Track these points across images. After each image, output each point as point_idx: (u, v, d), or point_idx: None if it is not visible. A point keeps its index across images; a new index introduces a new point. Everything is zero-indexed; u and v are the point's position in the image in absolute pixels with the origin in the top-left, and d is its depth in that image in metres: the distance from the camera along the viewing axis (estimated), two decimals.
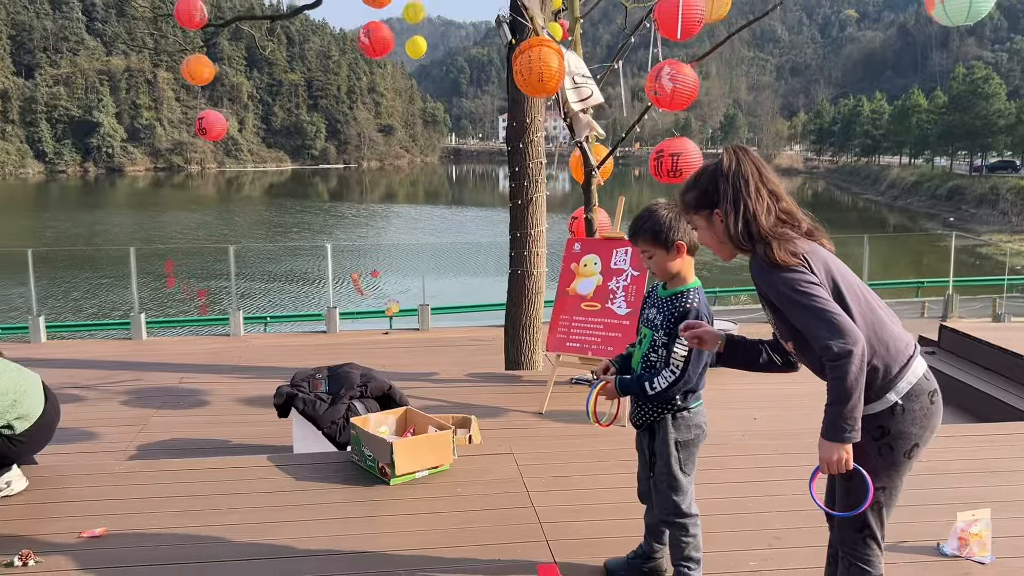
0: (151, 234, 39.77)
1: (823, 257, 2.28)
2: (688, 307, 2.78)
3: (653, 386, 2.80)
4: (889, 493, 2.34)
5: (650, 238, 2.83)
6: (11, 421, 3.77)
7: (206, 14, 7.14)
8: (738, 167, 2.33)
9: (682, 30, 5.21)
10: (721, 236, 2.37)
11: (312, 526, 3.54)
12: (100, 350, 9.21)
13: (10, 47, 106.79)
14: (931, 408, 2.28)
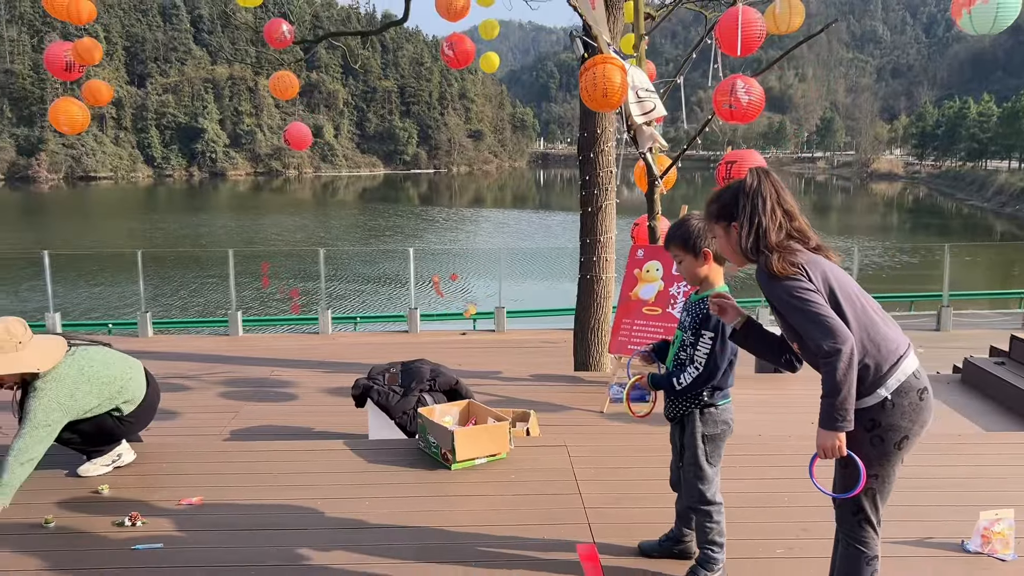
0: (252, 236, 41.54)
1: (823, 267, 2.53)
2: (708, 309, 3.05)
3: (680, 381, 3.09)
4: (882, 480, 2.57)
5: (680, 244, 3.13)
6: (119, 405, 4.31)
7: (287, 35, 7.69)
8: (758, 187, 2.61)
9: (742, 46, 5.42)
10: (735, 246, 2.65)
11: (381, 503, 3.94)
12: (200, 344, 9.96)
13: (124, 58, 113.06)
14: (920, 404, 2.51)
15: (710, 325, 3.03)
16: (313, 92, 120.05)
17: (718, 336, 3.02)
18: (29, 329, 4.02)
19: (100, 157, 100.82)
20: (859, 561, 2.64)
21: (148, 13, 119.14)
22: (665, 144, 6.49)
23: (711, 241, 3.07)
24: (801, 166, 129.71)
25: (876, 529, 2.63)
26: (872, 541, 2.63)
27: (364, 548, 3.48)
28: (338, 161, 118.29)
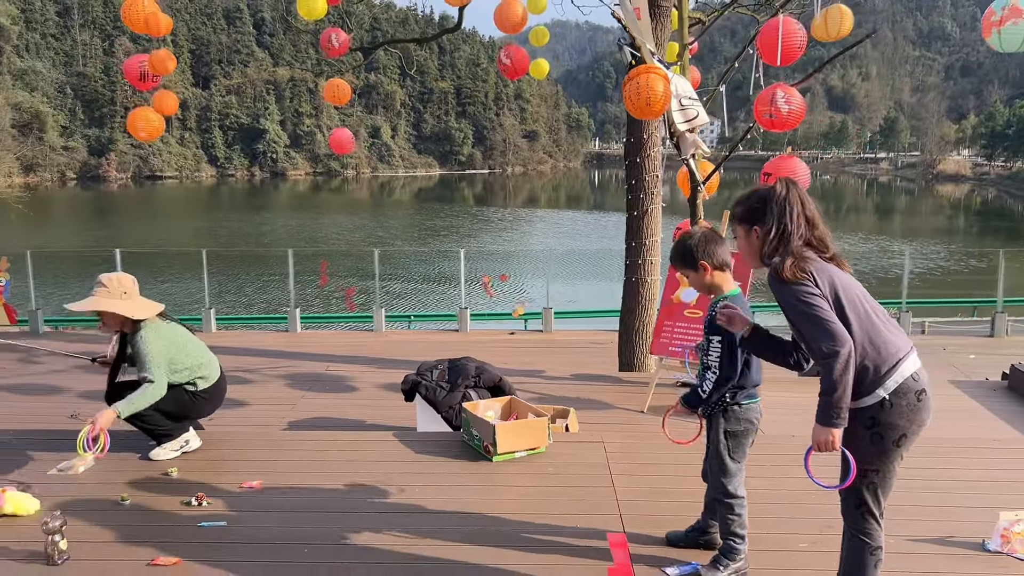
0: (313, 235, 42.38)
1: (830, 274, 2.70)
2: (714, 313, 3.24)
3: (704, 389, 3.29)
4: (882, 475, 2.73)
5: (680, 263, 3.40)
6: (197, 379, 4.71)
7: (335, 43, 7.99)
8: (787, 196, 2.81)
9: (782, 56, 5.56)
10: (755, 248, 2.84)
11: (426, 490, 4.21)
12: (261, 340, 10.37)
13: (190, 60, 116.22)
14: (917, 405, 2.67)
15: (714, 328, 3.24)
16: (371, 93, 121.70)
17: (725, 338, 3.21)
18: (136, 286, 4.67)
19: (166, 157, 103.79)
20: (863, 551, 2.80)
21: (213, 16, 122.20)
22: (707, 150, 6.63)
23: (707, 255, 3.28)
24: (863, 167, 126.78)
25: (879, 521, 2.79)
26: (875, 532, 2.79)
27: (409, 531, 3.74)
28: (395, 161, 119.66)
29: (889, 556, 3.48)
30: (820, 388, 2.64)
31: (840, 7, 6.77)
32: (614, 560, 3.51)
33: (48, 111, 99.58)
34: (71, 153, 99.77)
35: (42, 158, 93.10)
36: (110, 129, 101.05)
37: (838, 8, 6.73)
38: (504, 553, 3.53)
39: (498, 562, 3.46)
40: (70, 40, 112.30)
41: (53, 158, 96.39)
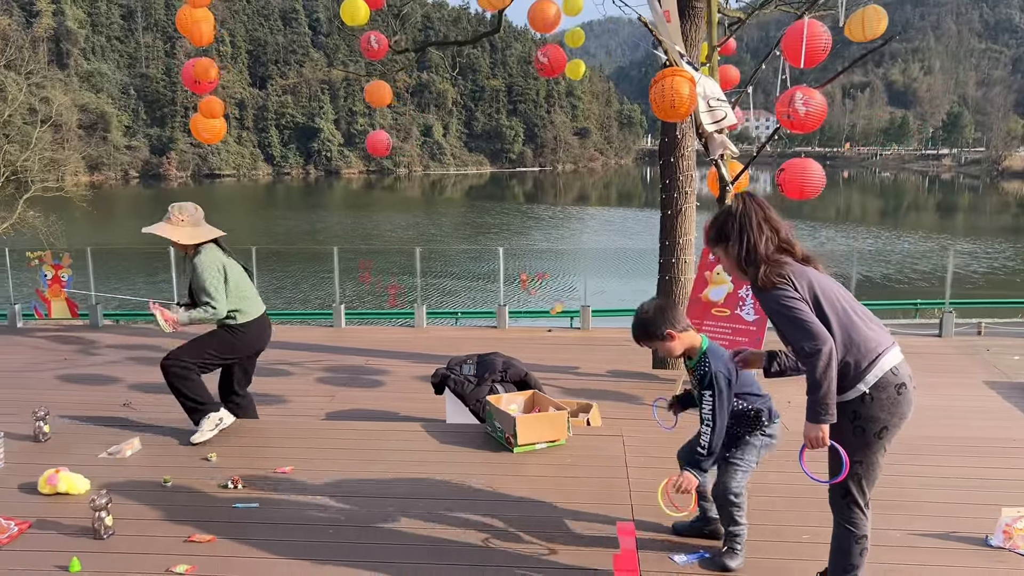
0: (368, 232, 43.07)
1: (808, 276, 2.83)
2: (705, 371, 3.38)
3: (701, 446, 3.39)
4: (866, 466, 2.85)
5: (647, 339, 3.49)
6: (238, 310, 5.09)
7: (374, 45, 8.21)
8: (744, 209, 2.95)
9: (806, 59, 5.62)
10: (734, 263, 2.98)
11: (447, 478, 4.42)
12: (307, 335, 10.73)
13: (247, 61, 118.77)
14: (897, 398, 2.78)
15: (705, 384, 3.37)
16: (424, 92, 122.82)
17: (715, 394, 3.33)
18: (199, 213, 5.20)
19: (224, 156, 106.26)
20: (849, 539, 2.93)
21: (270, 18, 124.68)
22: (736, 151, 6.70)
23: (668, 322, 3.40)
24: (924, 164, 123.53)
25: (864, 511, 2.91)
26: (860, 521, 2.90)
27: (429, 515, 3.95)
28: (446, 160, 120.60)
29: (893, 550, 3.60)
30: (807, 387, 2.76)
31: (874, 8, 6.78)
32: (620, 547, 3.66)
33: (112, 112, 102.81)
34: (134, 152, 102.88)
35: (106, 157, 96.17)
36: (171, 129, 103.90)
37: (873, 9, 6.74)
38: (516, 537, 3.72)
39: (510, 545, 3.64)
40: (133, 42, 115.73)
41: (117, 157, 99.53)
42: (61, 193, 28.82)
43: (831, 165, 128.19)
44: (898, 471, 4.42)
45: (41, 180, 27.06)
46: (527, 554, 3.58)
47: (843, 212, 61.97)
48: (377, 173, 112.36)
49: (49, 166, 30.52)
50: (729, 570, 3.43)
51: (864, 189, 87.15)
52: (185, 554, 3.58)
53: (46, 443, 5.05)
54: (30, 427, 5.11)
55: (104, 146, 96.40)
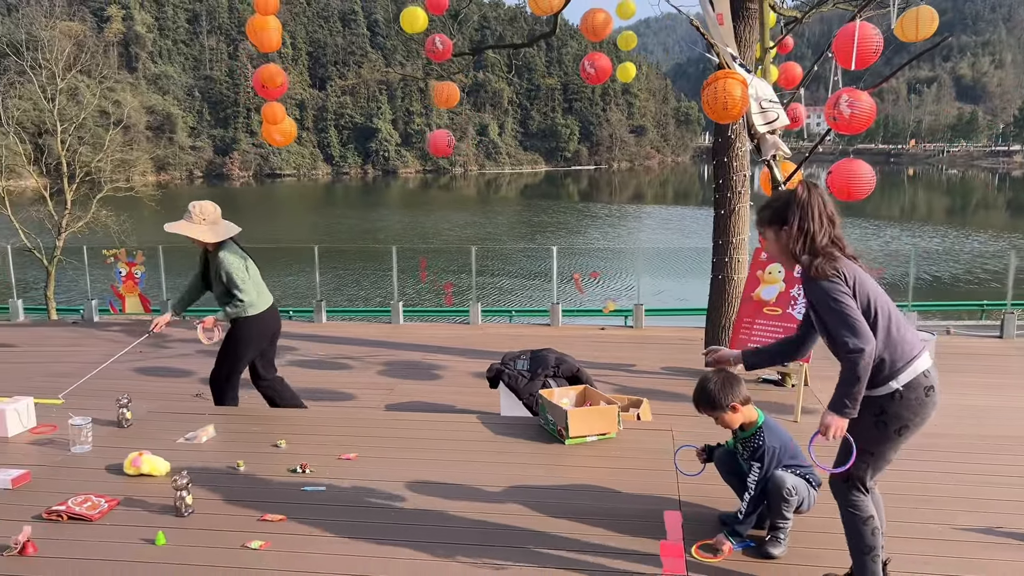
0: (427, 231, 43.63)
1: (856, 274, 2.95)
2: (759, 445, 3.60)
3: (741, 511, 3.64)
4: (876, 458, 3.02)
5: (709, 408, 3.68)
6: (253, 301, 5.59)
7: (439, 46, 8.47)
8: (809, 198, 3.06)
9: (857, 60, 5.68)
10: (785, 247, 3.10)
11: (502, 467, 4.63)
12: (366, 331, 11.06)
13: (308, 63, 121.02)
14: (925, 400, 2.91)
15: (757, 456, 3.59)
16: (479, 92, 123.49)
17: (763, 466, 3.56)
18: (218, 212, 5.62)
19: (285, 156, 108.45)
20: (856, 522, 3.09)
21: (330, 19, 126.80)
22: (788, 151, 6.77)
23: (733, 396, 3.60)
24: (994, 160, 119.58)
25: (865, 494, 3.07)
26: (862, 503, 3.07)
27: (485, 500, 4.17)
28: (501, 159, 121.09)
29: (935, 543, 3.70)
30: (840, 379, 2.89)
31: (926, 8, 6.79)
32: (668, 535, 3.83)
33: (178, 113, 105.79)
34: (198, 152, 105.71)
35: (172, 158, 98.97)
36: (233, 129, 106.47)
37: (925, 9, 6.75)
38: (566, 523, 3.91)
39: (559, 530, 3.83)
40: (198, 45, 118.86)
41: (182, 157, 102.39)
42: (131, 193, 29.85)
43: (895, 162, 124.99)
44: (954, 468, 4.50)
45: (112, 180, 28.05)
46: (576, 538, 3.76)
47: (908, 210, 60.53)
48: (433, 172, 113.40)
49: (120, 167, 31.62)
50: (772, 557, 3.57)
51: (930, 186, 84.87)
52: (259, 531, 3.86)
53: (129, 428, 5.41)
54: (114, 414, 5.49)
55: (170, 147, 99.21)
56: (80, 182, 25.50)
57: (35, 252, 21.55)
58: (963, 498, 4.18)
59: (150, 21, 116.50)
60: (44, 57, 29.56)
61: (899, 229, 44.42)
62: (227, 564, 3.56)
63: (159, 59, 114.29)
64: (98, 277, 13.15)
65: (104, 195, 26.09)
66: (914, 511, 4.03)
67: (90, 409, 5.55)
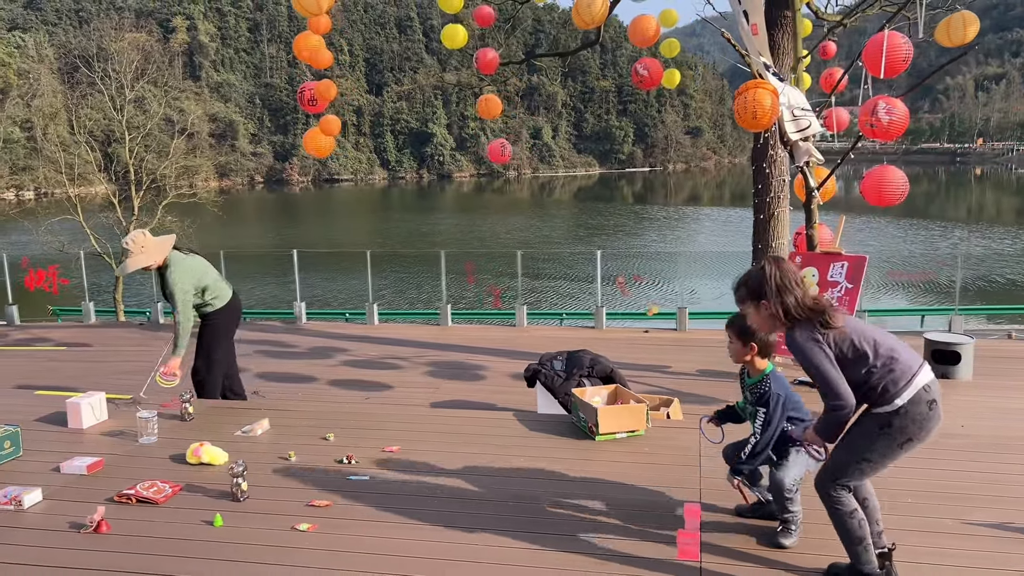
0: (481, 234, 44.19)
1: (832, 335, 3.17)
2: (765, 391, 3.80)
3: (744, 453, 3.86)
4: (872, 465, 3.25)
5: (736, 333, 3.86)
6: (213, 299, 6.16)
7: (489, 58, 8.78)
8: (777, 272, 3.29)
9: (886, 69, 5.81)
10: (765, 319, 3.38)
11: (535, 460, 4.91)
12: (416, 332, 11.44)
13: (364, 69, 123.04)
14: (929, 414, 3.15)
15: (763, 402, 3.79)
16: (533, 95, 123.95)
17: (769, 412, 3.76)
18: (148, 236, 6.10)
19: (342, 161, 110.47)
20: (843, 517, 3.30)
21: (386, 26, 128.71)
22: (821, 158, 6.89)
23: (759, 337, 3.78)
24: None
25: (848, 489, 3.30)
26: (846, 499, 3.29)
27: (519, 491, 4.45)
28: (555, 162, 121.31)
29: (947, 537, 3.85)
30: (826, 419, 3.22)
31: (965, 14, 6.85)
32: (686, 525, 4.05)
33: (240, 120, 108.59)
34: (259, 159, 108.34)
35: (234, 164, 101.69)
36: (293, 136, 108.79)
37: (961, 15, 6.82)
38: (590, 512, 4.16)
39: (586, 517, 4.09)
40: (259, 53, 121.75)
41: (243, 163, 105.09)
42: (194, 199, 30.87)
43: (961, 162, 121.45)
44: (973, 467, 4.63)
45: (177, 187, 29.05)
46: (601, 525, 4.01)
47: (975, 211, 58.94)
48: (487, 176, 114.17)
49: (184, 173, 32.70)
50: (783, 547, 3.77)
51: (999, 186, 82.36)
52: (307, 516, 4.20)
53: (191, 422, 5.83)
54: (177, 408, 5.92)
55: (232, 153, 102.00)
56: (146, 188, 26.52)
57: (105, 257, 22.58)
58: (979, 495, 4.31)
59: (213, 31, 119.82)
60: (113, 68, 30.81)
61: (967, 230, 43.37)
62: (277, 544, 3.90)
63: (221, 68, 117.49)
64: None
65: (169, 201, 27.09)
66: (929, 506, 4.18)
67: (156, 404, 5.99)
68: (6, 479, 4.70)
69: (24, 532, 4.08)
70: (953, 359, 7.54)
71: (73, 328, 12.30)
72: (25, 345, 10.25)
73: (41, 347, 10.09)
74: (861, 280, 6.69)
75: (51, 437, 5.57)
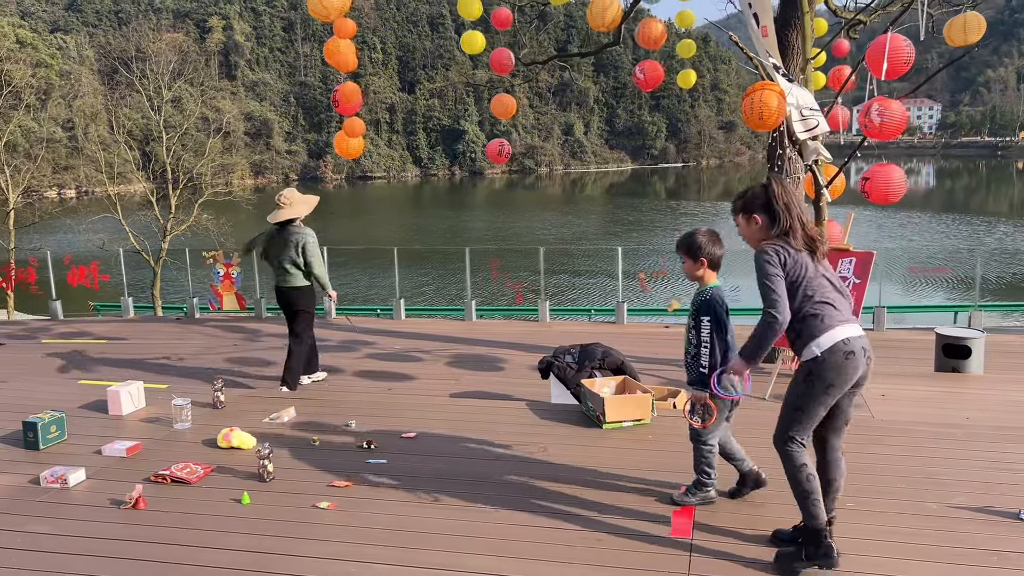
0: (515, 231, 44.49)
1: (794, 257, 3.48)
2: (702, 299, 4.05)
3: (703, 365, 4.04)
4: (806, 413, 3.54)
5: (685, 250, 4.14)
6: None
7: (509, 61, 9.03)
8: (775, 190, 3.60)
9: (888, 71, 5.97)
10: (753, 232, 3.68)
11: (545, 446, 5.18)
12: (441, 327, 11.73)
13: (397, 67, 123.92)
14: (844, 363, 3.43)
15: (704, 311, 4.01)
16: (565, 91, 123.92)
17: (715, 318, 3.97)
18: (296, 193, 7.14)
19: (376, 159, 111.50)
20: (792, 468, 3.59)
21: (419, 24, 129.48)
22: (829, 156, 7.04)
23: (708, 253, 4.08)
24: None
25: (800, 445, 3.58)
26: (797, 453, 3.57)
27: (530, 474, 4.73)
28: (587, 157, 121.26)
29: (930, 519, 4.05)
30: (753, 333, 3.51)
31: (973, 15, 6.97)
32: (680, 506, 4.30)
33: (274, 118, 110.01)
34: (293, 156, 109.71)
35: (269, 162, 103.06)
36: (327, 134, 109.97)
37: (972, 15, 6.94)
38: (593, 493, 4.42)
39: (587, 498, 4.35)
40: (293, 52, 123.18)
41: (278, 161, 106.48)
42: (229, 197, 31.51)
43: (1003, 155, 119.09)
44: (963, 455, 4.81)
45: (213, 185, 29.68)
46: (603, 505, 4.27)
47: (1017, 206, 57.99)
48: (519, 172, 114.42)
49: (220, 172, 33.39)
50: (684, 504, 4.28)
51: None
52: (327, 495, 4.52)
53: (222, 409, 6.19)
54: (210, 396, 6.29)
55: (267, 152, 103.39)
56: (183, 187, 27.17)
57: (143, 254, 23.25)
58: (964, 480, 4.50)
59: (248, 30, 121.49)
60: (151, 69, 31.54)
61: (1011, 225, 42.77)
62: (300, 520, 4.22)
63: (256, 67, 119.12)
64: (199, 277, 14.26)
65: (205, 199, 27.71)
66: (914, 491, 4.38)
67: (190, 392, 6.36)
68: (53, 460, 5.08)
69: (70, 507, 4.44)
70: (963, 353, 7.66)
71: (113, 322, 12.80)
72: (68, 338, 10.73)
73: (83, 340, 10.57)
74: (868, 275, 6.84)
75: (93, 423, 5.96)
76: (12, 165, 26.36)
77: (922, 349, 8.69)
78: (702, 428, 4.18)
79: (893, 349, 9.26)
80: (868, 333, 3.77)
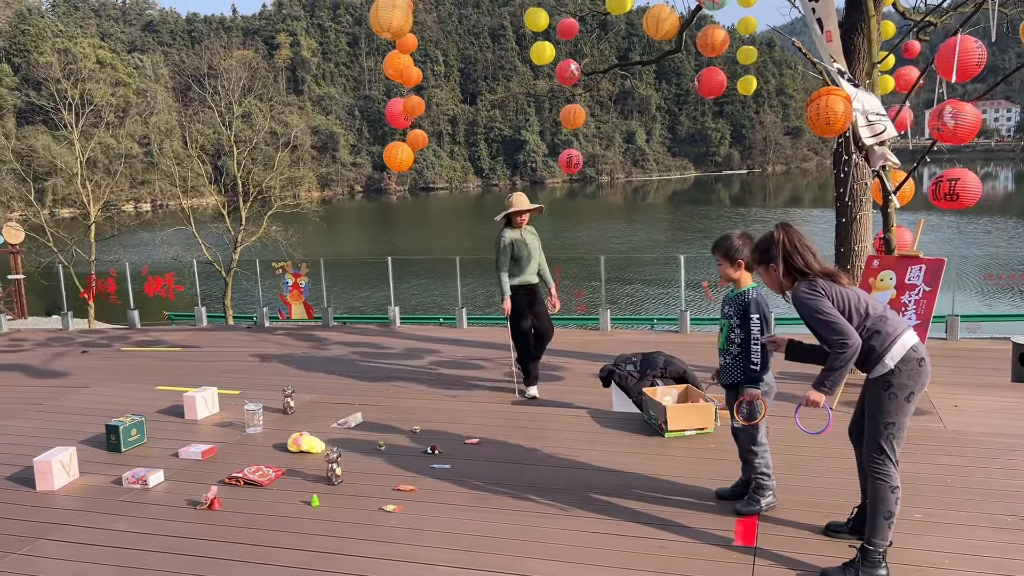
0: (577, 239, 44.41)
1: (836, 289, 3.54)
2: (748, 299, 4.10)
3: (754, 363, 4.13)
4: (898, 426, 3.51)
5: (722, 254, 4.22)
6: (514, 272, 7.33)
7: (574, 72, 9.10)
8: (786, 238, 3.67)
9: (958, 73, 5.84)
10: (774, 279, 3.74)
11: (605, 454, 5.21)
12: (503, 335, 11.80)
13: (459, 79, 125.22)
14: (919, 369, 3.47)
15: (752, 310, 4.07)
16: (627, 99, 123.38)
17: (762, 316, 4.05)
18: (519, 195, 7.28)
19: (438, 170, 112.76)
20: (885, 490, 3.53)
21: (480, 36, 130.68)
22: (897, 162, 6.90)
23: (745, 256, 4.13)
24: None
25: (895, 465, 3.53)
26: (893, 474, 3.53)
27: (591, 480, 4.77)
28: (649, 165, 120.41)
29: (1003, 532, 3.95)
30: (827, 365, 3.48)
31: None
32: (743, 514, 4.27)
33: (340, 132, 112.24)
34: (358, 169, 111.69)
35: (335, 174, 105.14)
36: None
37: None
38: (655, 501, 4.43)
39: (649, 506, 4.37)
40: (358, 67, 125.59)
41: (343, 174, 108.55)
42: (297, 209, 32.26)
43: None
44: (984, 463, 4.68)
45: (281, 198, 30.44)
46: (665, 511, 4.28)
47: None
48: (580, 181, 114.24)
49: (288, 185, 34.22)
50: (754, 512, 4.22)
51: None
52: (393, 498, 4.63)
53: (292, 415, 6.38)
54: (280, 402, 6.48)
55: (333, 164, 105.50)
56: (253, 200, 27.95)
57: (215, 264, 23.99)
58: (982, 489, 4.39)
59: (314, 46, 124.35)
60: (222, 85, 32.58)
61: None
62: (367, 522, 4.33)
63: (322, 81, 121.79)
64: (268, 287, 14.66)
65: (274, 211, 28.45)
66: (986, 503, 4.27)
67: (262, 398, 6.57)
68: (134, 462, 5.32)
69: (149, 507, 4.65)
70: None
71: (186, 331, 13.24)
72: (145, 346, 11.16)
73: (159, 348, 10.97)
74: (939, 283, 6.67)
75: (171, 426, 6.21)
76: (93, 180, 27.47)
77: (998, 359, 8.42)
78: (751, 426, 4.18)
79: (967, 359, 8.98)
80: (940, 342, 3.75)
